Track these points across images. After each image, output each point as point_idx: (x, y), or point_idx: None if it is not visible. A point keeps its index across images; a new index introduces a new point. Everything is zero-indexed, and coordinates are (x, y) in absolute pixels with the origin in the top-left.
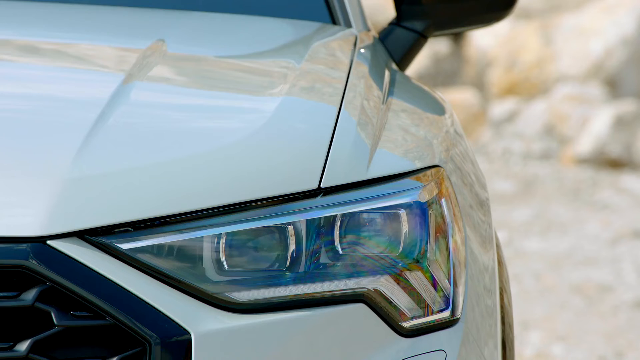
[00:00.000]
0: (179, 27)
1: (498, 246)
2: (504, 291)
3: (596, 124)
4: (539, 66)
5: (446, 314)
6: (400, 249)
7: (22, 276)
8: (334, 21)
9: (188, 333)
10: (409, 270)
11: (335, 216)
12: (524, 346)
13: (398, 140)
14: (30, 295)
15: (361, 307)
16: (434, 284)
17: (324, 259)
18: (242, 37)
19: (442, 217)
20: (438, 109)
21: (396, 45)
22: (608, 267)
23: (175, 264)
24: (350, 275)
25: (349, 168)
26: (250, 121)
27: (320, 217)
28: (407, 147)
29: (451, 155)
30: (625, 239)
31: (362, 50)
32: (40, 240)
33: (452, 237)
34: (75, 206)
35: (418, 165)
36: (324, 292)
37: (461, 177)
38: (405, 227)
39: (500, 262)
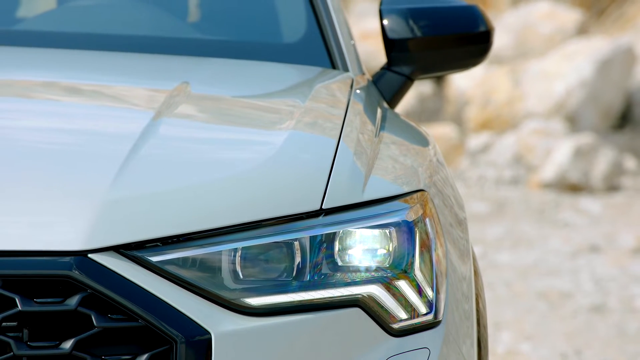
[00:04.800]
0: (201, 71)
1: (474, 258)
2: (479, 297)
3: (558, 154)
4: (509, 105)
5: (430, 316)
6: (391, 261)
7: (66, 285)
8: (333, 66)
9: (209, 333)
10: (398, 279)
11: (335, 233)
12: (497, 344)
13: (388, 168)
14: (73, 301)
15: (357, 311)
16: (419, 291)
17: (325, 269)
18: (256, 79)
19: (427, 233)
20: (423, 141)
21: (387, 87)
22: (568, 276)
23: (197, 274)
24: (347, 284)
25: (347, 192)
26: (261, 152)
27: (322, 234)
28: (397, 174)
29: (434, 181)
30: (583, 253)
31: (358, 91)
32: (82, 253)
33: (435, 251)
34: (112, 224)
35: (406, 189)
36: (325, 298)
37: (442, 199)
38: (394, 243)
39: (476, 272)
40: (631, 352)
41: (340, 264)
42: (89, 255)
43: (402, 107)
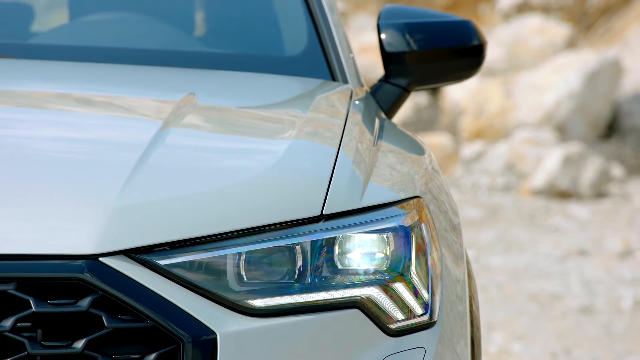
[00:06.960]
0: (207, 82)
1: (468, 262)
2: (472, 299)
3: (548, 162)
4: (501, 115)
5: (425, 317)
6: (388, 264)
7: (78, 287)
8: (333, 78)
9: (214, 333)
10: (395, 282)
11: (335, 237)
12: (489, 344)
13: (386, 175)
14: (85, 303)
15: (356, 312)
16: (415, 293)
17: (325, 272)
18: (259, 91)
19: (422, 238)
20: (419, 150)
21: (384, 98)
22: (558, 279)
23: (203, 277)
24: (347, 286)
25: (346, 198)
26: (265, 160)
27: (323, 239)
28: (394, 181)
29: (429, 187)
30: (572, 257)
31: (357, 102)
32: (93, 257)
33: (430, 254)
34: (122, 229)
35: (402, 196)
36: (325, 299)
37: (437, 205)
38: (392, 247)
39: (470, 275)
40: (618, 351)
41: (339, 267)
42: (100, 258)
43: (399, 117)
